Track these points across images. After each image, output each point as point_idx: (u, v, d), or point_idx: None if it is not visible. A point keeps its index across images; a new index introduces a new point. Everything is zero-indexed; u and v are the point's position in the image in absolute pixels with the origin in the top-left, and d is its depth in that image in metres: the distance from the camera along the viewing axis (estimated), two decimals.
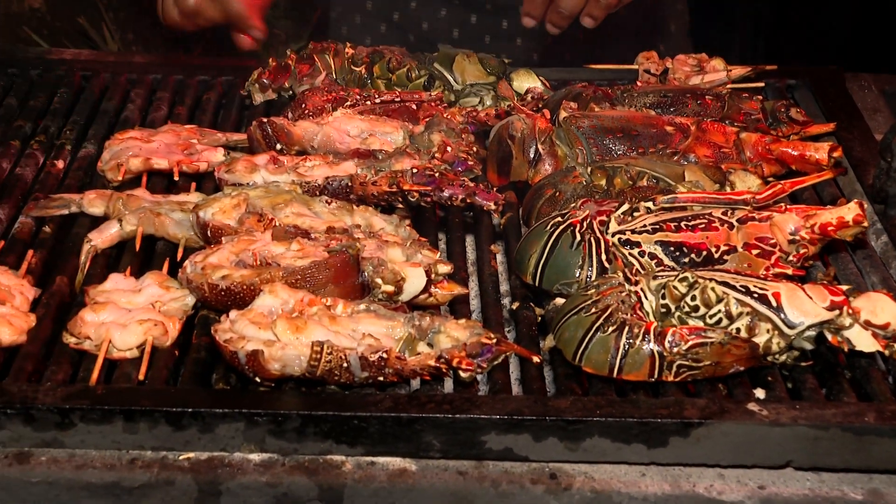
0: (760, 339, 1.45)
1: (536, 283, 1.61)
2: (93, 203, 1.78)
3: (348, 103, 1.97)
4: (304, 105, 1.99)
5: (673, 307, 1.48)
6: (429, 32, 2.52)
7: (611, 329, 1.45)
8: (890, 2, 4.23)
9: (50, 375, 1.46)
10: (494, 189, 1.80)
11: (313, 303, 1.49)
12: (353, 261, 1.55)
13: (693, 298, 1.47)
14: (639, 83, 2.16)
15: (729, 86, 2.13)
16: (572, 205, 1.67)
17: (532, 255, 1.61)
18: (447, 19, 2.52)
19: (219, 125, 2.07)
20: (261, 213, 1.66)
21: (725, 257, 1.58)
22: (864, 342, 1.45)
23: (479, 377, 1.47)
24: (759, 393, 1.45)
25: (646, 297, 1.50)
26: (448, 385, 1.49)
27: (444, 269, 1.57)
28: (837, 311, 1.45)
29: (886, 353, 1.46)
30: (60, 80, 2.20)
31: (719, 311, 1.46)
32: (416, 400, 1.40)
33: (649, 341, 1.43)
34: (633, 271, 1.54)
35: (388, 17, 2.55)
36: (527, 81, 2.09)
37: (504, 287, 1.70)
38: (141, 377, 1.47)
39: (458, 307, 1.61)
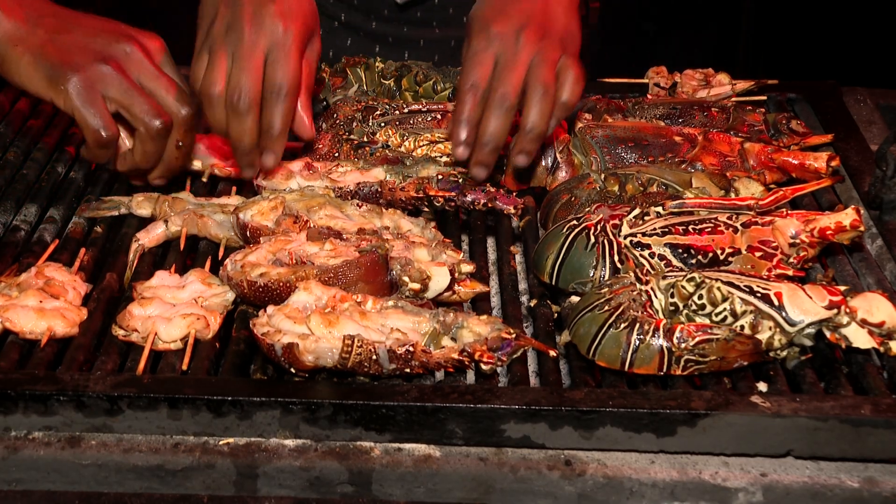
0: (763, 336, 1.43)
1: (553, 282, 1.60)
2: (141, 205, 1.79)
3: (378, 112, 1.97)
4: (336, 115, 1.99)
5: (681, 305, 1.47)
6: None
7: (623, 325, 1.44)
8: (884, 20, 4.21)
9: (100, 365, 1.46)
10: (514, 194, 1.80)
11: (345, 299, 1.48)
12: (382, 260, 1.54)
13: (700, 297, 1.46)
14: (649, 96, 2.15)
15: (733, 99, 2.11)
16: (587, 209, 1.67)
17: (549, 256, 1.60)
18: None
19: None
20: (296, 216, 1.66)
21: (730, 259, 1.57)
22: (861, 339, 1.45)
23: (499, 370, 1.46)
24: (762, 386, 1.44)
25: (655, 296, 1.49)
26: (470, 377, 1.48)
27: (467, 268, 1.57)
28: (835, 310, 1.44)
29: (881, 349, 1.45)
30: None
31: (724, 309, 1.45)
32: (441, 390, 1.39)
33: (659, 337, 1.42)
34: (644, 271, 1.53)
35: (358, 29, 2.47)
36: None
37: (523, 285, 1.69)
38: (184, 367, 1.47)
39: (479, 304, 1.60)
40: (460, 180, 1.71)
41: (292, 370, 1.42)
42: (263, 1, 1.64)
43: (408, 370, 1.42)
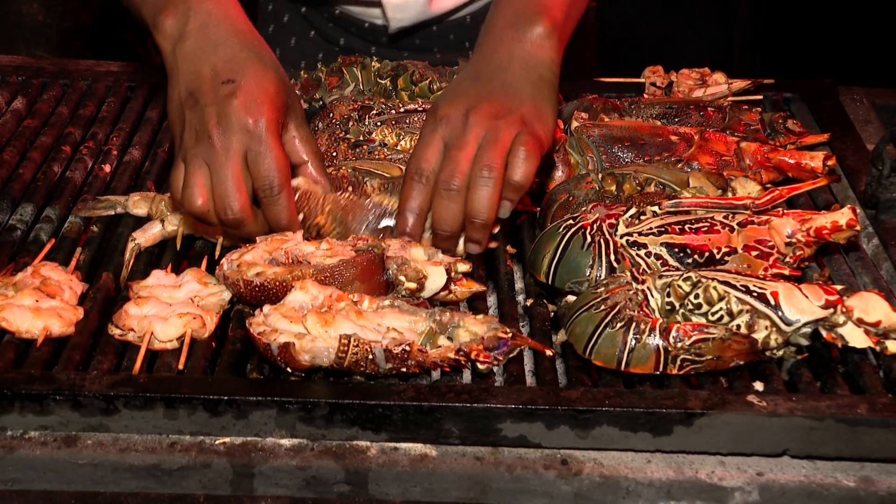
0: (759, 336, 1.44)
1: (549, 282, 1.60)
2: (137, 204, 1.78)
3: (374, 112, 1.97)
4: (332, 114, 1.98)
5: (677, 305, 1.47)
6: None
7: (619, 325, 1.44)
8: (881, 19, 4.22)
9: (96, 365, 1.46)
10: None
11: (341, 298, 1.48)
12: (378, 259, 1.54)
13: (696, 297, 1.46)
14: (645, 95, 2.15)
15: (730, 98, 2.12)
16: (583, 209, 1.67)
17: (546, 256, 1.60)
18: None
19: None
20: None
21: (726, 258, 1.57)
22: (857, 339, 1.45)
23: (495, 369, 1.47)
24: (758, 385, 1.44)
25: (652, 295, 1.49)
26: (466, 376, 1.48)
27: (464, 267, 1.57)
28: (832, 310, 1.44)
29: (877, 348, 1.45)
30: (108, 91, 2.20)
31: (721, 308, 1.45)
32: (437, 390, 1.39)
33: (655, 337, 1.42)
34: (640, 271, 1.53)
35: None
36: None
37: (519, 285, 1.69)
38: (180, 367, 1.47)
39: (476, 303, 1.60)
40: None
41: (288, 370, 1.42)
42: (224, 98, 1.53)
43: (404, 370, 1.42)
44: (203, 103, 1.54)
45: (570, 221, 1.62)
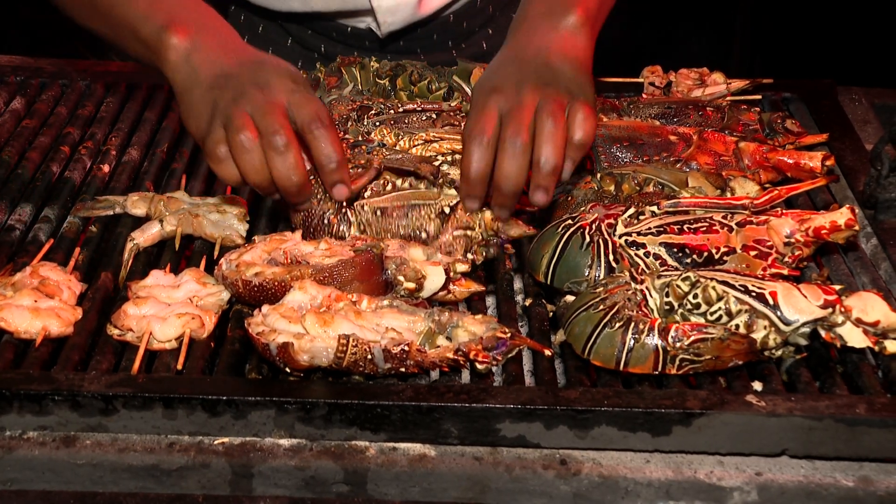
0: (758, 335, 1.43)
1: (548, 282, 1.60)
2: (135, 205, 1.78)
3: (373, 112, 1.97)
4: (330, 114, 1.98)
5: (676, 305, 1.47)
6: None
7: (618, 325, 1.44)
8: (879, 19, 4.22)
9: (95, 365, 1.46)
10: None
11: (340, 298, 1.48)
12: (377, 259, 1.54)
13: (695, 297, 1.46)
14: (644, 95, 2.15)
15: (728, 98, 2.11)
16: (582, 209, 1.67)
17: (544, 256, 1.60)
18: None
19: None
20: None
21: (725, 258, 1.57)
22: (856, 338, 1.45)
23: (494, 369, 1.47)
24: (757, 385, 1.44)
25: (651, 295, 1.49)
26: (465, 376, 1.48)
27: (462, 267, 1.57)
28: (830, 310, 1.44)
29: (876, 348, 1.45)
30: (107, 91, 2.20)
31: (719, 308, 1.45)
32: (436, 390, 1.39)
33: (654, 336, 1.42)
34: (639, 271, 1.53)
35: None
36: None
37: (518, 285, 1.69)
38: (179, 367, 1.47)
39: (474, 303, 1.60)
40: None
41: (287, 370, 1.42)
42: (256, 68, 1.59)
43: (403, 370, 1.42)
44: (236, 76, 1.58)
45: (569, 221, 1.62)
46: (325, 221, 1.66)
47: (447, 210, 1.66)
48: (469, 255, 1.64)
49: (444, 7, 2.33)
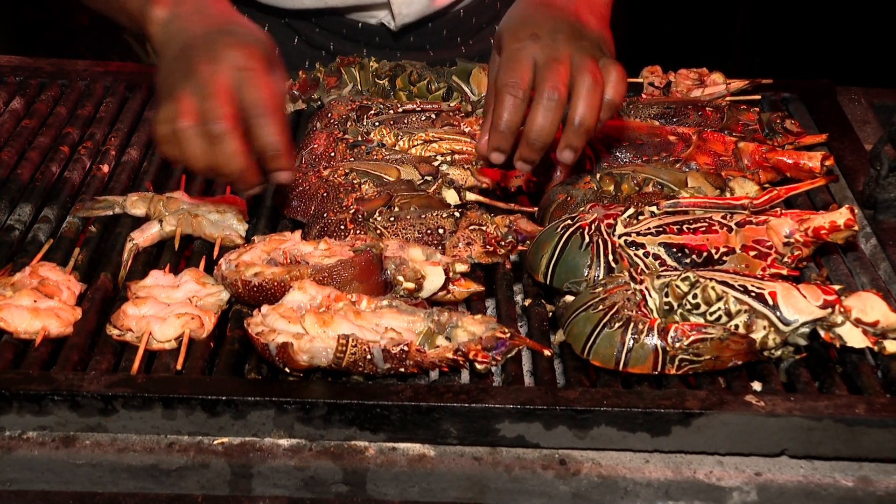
0: (757, 336, 1.43)
1: (548, 282, 1.60)
2: (135, 205, 1.78)
3: (372, 112, 1.97)
4: (330, 114, 1.99)
5: (675, 305, 1.47)
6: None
7: (617, 325, 1.44)
8: (878, 19, 4.22)
9: (94, 365, 1.46)
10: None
11: (339, 299, 1.48)
12: (376, 260, 1.54)
13: (694, 297, 1.46)
14: (644, 95, 2.15)
15: (728, 98, 2.11)
16: (581, 209, 1.67)
17: (544, 256, 1.60)
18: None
19: None
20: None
21: (725, 258, 1.57)
22: (855, 338, 1.45)
23: (493, 369, 1.47)
24: (756, 385, 1.44)
25: (650, 296, 1.49)
26: (464, 376, 1.48)
27: (462, 267, 1.57)
28: (830, 310, 1.44)
29: (875, 348, 1.45)
30: (106, 91, 2.20)
31: (719, 308, 1.45)
32: (435, 390, 1.39)
33: (653, 337, 1.42)
34: (639, 271, 1.53)
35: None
36: None
37: (517, 285, 1.69)
38: (179, 367, 1.47)
39: (474, 303, 1.60)
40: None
41: (287, 370, 1.42)
42: (213, 39, 1.54)
43: (402, 370, 1.42)
44: (194, 49, 1.54)
45: (569, 221, 1.62)
46: (342, 227, 1.67)
47: (457, 214, 1.67)
48: (489, 249, 1.65)
49: (457, 1, 2.34)
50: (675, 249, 1.57)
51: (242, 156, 1.50)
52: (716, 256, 1.57)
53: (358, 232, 1.65)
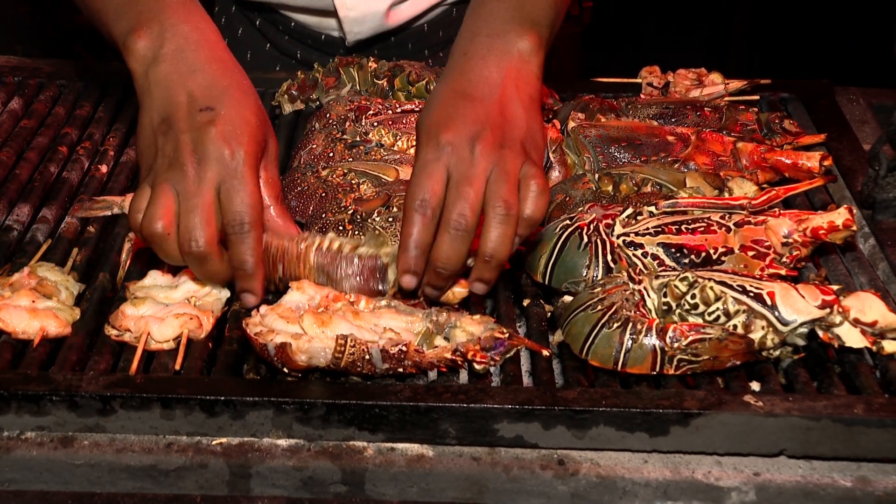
0: (756, 336, 1.43)
1: (546, 282, 1.60)
2: None
3: (371, 112, 1.97)
4: (328, 114, 1.98)
5: (674, 305, 1.47)
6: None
7: (615, 325, 1.44)
8: (877, 19, 4.22)
9: (93, 365, 1.46)
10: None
11: (338, 299, 1.48)
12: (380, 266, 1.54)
13: (693, 297, 1.46)
14: (642, 95, 2.15)
15: (726, 98, 2.12)
16: (580, 209, 1.67)
17: (542, 256, 1.60)
18: None
19: None
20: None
21: (723, 258, 1.57)
22: (854, 339, 1.45)
23: (492, 369, 1.46)
24: (755, 385, 1.44)
25: (648, 296, 1.49)
26: (463, 376, 1.48)
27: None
28: (828, 310, 1.44)
29: (874, 348, 1.45)
30: (105, 91, 2.20)
31: (717, 308, 1.45)
32: (434, 390, 1.39)
33: (651, 337, 1.42)
34: (637, 271, 1.53)
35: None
36: None
37: (515, 285, 1.69)
38: (177, 367, 1.46)
39: (472, 304, 1.60)
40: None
41: (285, 370, 1.42)
42: (202, 126, 1.44)
43: (401, 370, 1.42)
44: (178, 129, 1.45)
45: (567, 222, 1.62)
46: (341, 227, 1.65)
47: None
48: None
49: (416, 18, 2.32)
50: (673, 249, 1.57)
51: (221, 274, 1.48)
52: (714, 256, 1.57)
53: (357, 233, 1.65)
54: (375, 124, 1.95)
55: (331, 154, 1.90)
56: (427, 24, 2.34)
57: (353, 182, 1.78)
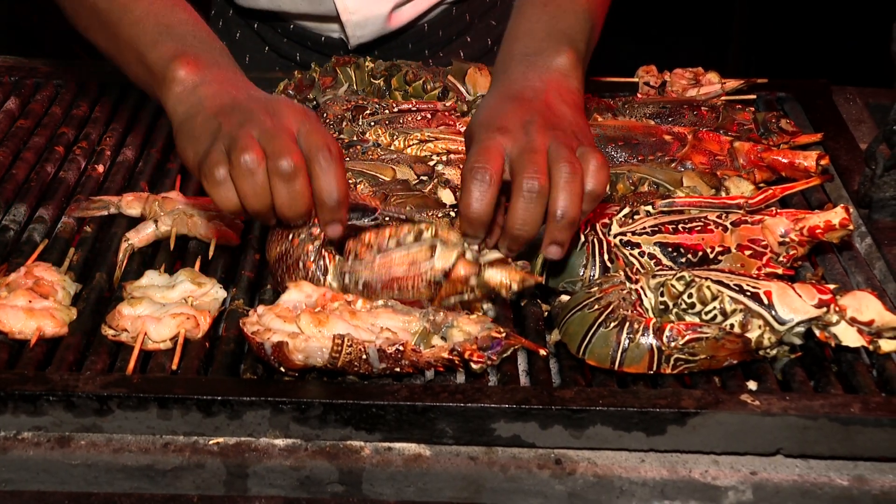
0: (753, 335, 1.44)
1: (543, 282, 1.60)
2: (130, 205, 1.78)
3: (367, 112, 1.97)
4: (325, 114, 1.98)
5: (671, 304, 1.47)
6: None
7: (612, 324, 1.44)
8: (874, 19, 4.22)
9: (89, 365, 1.46)
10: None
11: (335, 298, 1.48)
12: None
13: (690, 296, 1.46)
14: (639, 95, 2.15)
15: (723, 98, 2.12)
16: None
17: (539, 255, 1.60)
18: None
19: None
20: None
21: (720, 258, 1.57)
22: (850, 338, 1.45)
23: (489, 369, 1.46)
24: (752, 385, 1.44)
25: (645, 295, 1.49)
26: (460, 376, 1.48)
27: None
28: (825, 309, 1.44)
29: (871, 347, 1.45)
30: (101, 91, 2.20)
31: (714, 308, 1.45)
32: (431, 390, 1.39)
33: (648, 336, 1.42)
34: (634, 270, 1.54)
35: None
36: None
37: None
38: (174, 367, 1.46)
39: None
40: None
41: (282, 369, 1.42)
42: (264, 99, 1.49)
43: (398, 370, 1.42)
44: (243, 105, 1.47)
45: None
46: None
47: (452, 213, 1.62)
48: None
49: (417, 18, 2.32)
50: (670, 249, 1.58)
51: (308, 198, 1.45)
52: (711, 256, 1.57)
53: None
54: (372, 124, 1.95)
55: None
56: (427, 24, 2.35)
57: (351, 182, 1.78)
